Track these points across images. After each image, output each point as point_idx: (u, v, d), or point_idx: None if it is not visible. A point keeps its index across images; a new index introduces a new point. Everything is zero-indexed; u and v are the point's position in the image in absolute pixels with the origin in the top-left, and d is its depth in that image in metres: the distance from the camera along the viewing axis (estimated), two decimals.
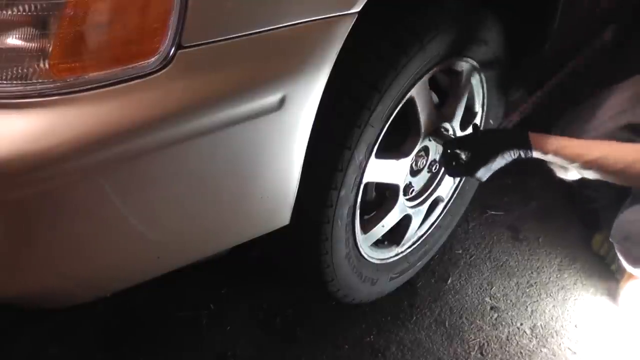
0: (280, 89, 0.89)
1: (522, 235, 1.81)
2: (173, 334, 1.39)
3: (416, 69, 1.16)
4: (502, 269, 1.69)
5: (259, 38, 0.83)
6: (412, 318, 1.51)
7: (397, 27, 1.12)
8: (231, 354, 1.36)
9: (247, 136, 0.91)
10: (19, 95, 0.75)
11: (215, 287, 1.50)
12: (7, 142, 0.73)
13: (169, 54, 0.77)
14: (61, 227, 0.82)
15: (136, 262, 0.97)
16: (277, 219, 1.09)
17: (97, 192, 0.81)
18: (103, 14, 0.75)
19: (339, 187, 1.14)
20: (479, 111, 1.50)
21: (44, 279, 0.88)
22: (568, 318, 1.56)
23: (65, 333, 1.36)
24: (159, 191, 0.87)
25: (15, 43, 0.75)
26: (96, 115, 0.76)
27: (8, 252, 0.82)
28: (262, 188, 1.00)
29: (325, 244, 1.21)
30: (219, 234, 1.05)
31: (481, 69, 1.39)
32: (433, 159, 1.44)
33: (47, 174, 0.75)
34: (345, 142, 1.10)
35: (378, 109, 1.11)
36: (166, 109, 0.79)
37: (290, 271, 1.50)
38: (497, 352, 1.45)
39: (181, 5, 0.76)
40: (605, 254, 1.73)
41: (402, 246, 1.51)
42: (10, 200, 0.76)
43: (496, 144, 1.24)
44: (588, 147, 1.21)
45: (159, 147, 0.81)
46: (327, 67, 0.93)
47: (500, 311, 1.56)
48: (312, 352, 1.39)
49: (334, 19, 0.90)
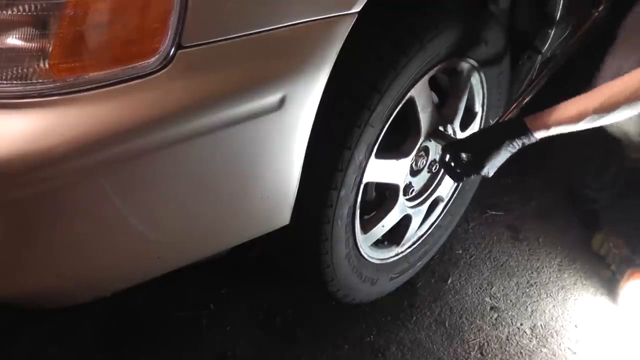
0: (280, 89, 0.89)
1: (522, 235, 1.81)
2: (173, 334, 1.39)
3: (416, 69, 1.16)
4: (502, 269, 1.69)
5: (259, 38, 0.83)
6: (412, 318, 1.51)
7: (397, 27, 1.12)
8: (231, 354, 1.36)
9: (247, 136, 0.91)
10: (19, 95, 0.75)
11: (215, 287, 1.50)
12: (7, 142, 0.73)
13: (169, 54, 0.77)
14: (61, 227, 0.82)
15: (136, 262, 0.97)
16: (277, 219, 1.09)
17: (97, 192, 0.81)
18: (103, 14, 0.75)
19: (339, 187, 1.14)
20: (479, 111, 1.50)
21: (44, 279, 0.88)
22: (568, 318, 1.56)
23: (65, 333, 1.36)
24: (159, 191, 0.87)
25: (15, 43, 0.75)
26: (96, 115, 0.76)
27: (8, 252, 0.82)
28: (262, 188, 1.00)
29: (325, 244, 1.21)
30: (219, 234, 1.05)
31: (481, 68, 1.39)
32: (433, 159, 1.43)
33: (47, 174, 0.75)
34: (345, 142, 1.10)
35: (378, 109, 1.11)
36: (166, 109, 0.79)
37: (290, 271, 1.50)
38: (497, 352, 1.45)
39: (181, 5, 0.76)
40: (605, 254, 1.73)
41: (402, 246, 1.51)
42: (11, 200, 0.76)
43: (495, 138, 1.22)
44: (585, 100, 1.15)
45: (159, 147, 0.81)
46: (327, 67, 0.93)
47: (500, 311, 1.56)
48: (312, 352, 1.39)
49: (334, 19, 0.90)
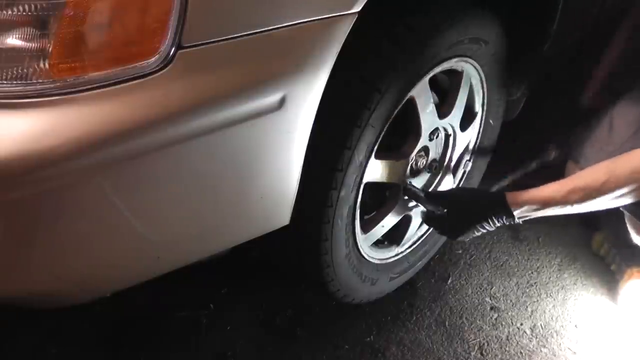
0: (280, 89, 0.89)
1: (522, 235, 1.81)
2: (173, 334, 1.39)
3: (416, 69, 1.16)
4: (502, 269, 1.69)
5: (259, 38, 0.83)
6: (412, 318, 1.51)
7: (397, 27, 1.12)
8: (231, 354, 1.36)
9: (247, 136, 0.91)
10: (19, 95, 0.75)
11: (215, 287, 1.50)
12: (8, 142, 0.73)
13: (169, 54, 0.77)
14: (61, 227, 0.82)
15: (136, 262, 0.97)
16: (277, 219, 1.09)
17: (97, 192, 0.81)
18: (103, 14, 0.75)
19: (339, 187, 1.14)
20: (479, 111, 1.50)
21: (43, 279, 0.88)
22: (568, 318, 1.56)
23: (65, 333, 1.36)
24: (159, 191, 0.87)
25: (15, 43, 0.75)
26: (96, 115, 0.76)
27: (8, 252, 0.82)
28: (262, 188, 1.00)
29: (325, 244, 1.21)
30: (218, 234, 1.05)
31: (481, 69, 1.39)
32: (433, 159, 1.43)
33: (47, 174, 0.75)
34: (345, 142, 1.10)
35: (378, 109, 1.11)
36: (166, 109, 0.79)
37: (290, 271, 1.50)
38: (497, 352, 1.45)
39: (181, 5, 0.76)
40: (605, 254, 1.73)
41: (402, 246, 1.51)
42: (11, 200, 0.76)
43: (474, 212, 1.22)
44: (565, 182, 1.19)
45: (159, 147, 0.81)
46: (327, 67, 0.93)
47: (500, 311, 1.56)
48: (312, 352, 1.39)
49: (334, 19, 0.90)
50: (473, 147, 1.57)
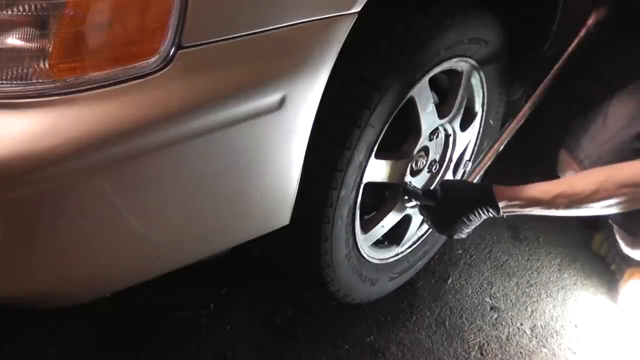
0: (280, 89, 0.89)
1: (522, 235, 1.81)
2: (173, 334, 1.39)
3: (416, 69, 1.16)
4: (502, 269, 1.69)
5: (259, 38, 0.83)
6: (412, 318, 1.51)
7: (397, 27, 1.12)
8: (231, 354, 1.36)
9: (247, 136, 0.91)
10: (19, 95, 0.75)
11: (215, 287, 1.50)
12: (8, 142, 0.73)
13: (169, 54, 0.77)
14: (61, 227, 0.82)
15: (136, 262, 0.97)
16: (277, 219, 1.09)
17: (97, 192, 0.81)
18: (103, 14, 0.75)
19: (339, 187, 1.14)
20: (479, 111, 1.50)
21: (43, 279, 0.88)
22: (568, 318, 1.56)
23: (65, 333, 1.36)
24: (159, 191, 0.87)
25: (15, 43, 0.75)
26: (96, 115, 0.76)
27: (8, 252, 0.82)
28: (262, 188, 1.00)
29: (325, 244, 1.21)
30: (218, 234, 1.05)
31: (481, 69, 1.39)
32: (433, 159, 1.44)
33: (47, 174, 0.75)
34: (345, 142, 1.10)
35: (378, 109, 1.11)
36: (166, 109, 0.79)
37: (290, 271, 1.50)
38: (497, 352, 1.45)
39: (181, 5, 0.76)
40: (605, 254, 1.73)
41: (402, 246, 1.51)
42: (11, 200, 0.76)
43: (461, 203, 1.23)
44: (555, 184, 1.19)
45: (159, 147, 0.81)
46: (327, 67, 0.93)
47: (500, 311, 1.56)
48: (312, 351, 1.39)
49: (333, 19, 0.90)
50: (473, 147, 1.57)
